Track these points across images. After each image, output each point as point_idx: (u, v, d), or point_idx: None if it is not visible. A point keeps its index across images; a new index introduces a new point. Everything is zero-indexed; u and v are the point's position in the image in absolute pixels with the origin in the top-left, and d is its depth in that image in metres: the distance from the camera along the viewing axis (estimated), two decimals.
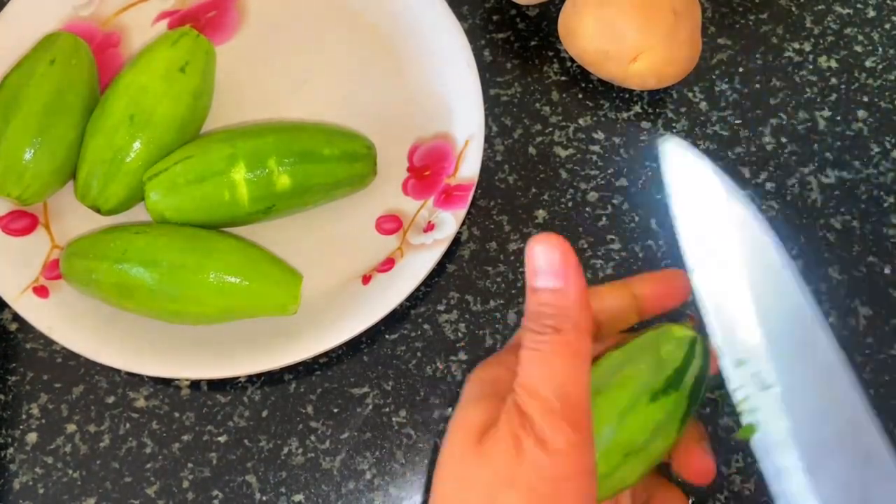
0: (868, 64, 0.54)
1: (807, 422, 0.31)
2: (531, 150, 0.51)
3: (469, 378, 0.32)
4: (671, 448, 0.32)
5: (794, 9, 0.55)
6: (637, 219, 0.50)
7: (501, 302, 0.48)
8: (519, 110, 0.52)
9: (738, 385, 0.32)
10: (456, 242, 0.49)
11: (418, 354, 0.47)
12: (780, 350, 0.32)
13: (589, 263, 0.49)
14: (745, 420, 0.32)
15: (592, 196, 0.50)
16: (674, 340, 0.32)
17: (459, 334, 0.47)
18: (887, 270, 0.49)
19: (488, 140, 0.51)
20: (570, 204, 0.50)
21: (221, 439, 0.45)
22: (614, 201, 0.50)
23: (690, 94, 0.53)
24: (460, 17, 0.53)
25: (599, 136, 0.52)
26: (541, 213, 0.50)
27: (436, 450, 0.45)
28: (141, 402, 0.46)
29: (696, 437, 0.34)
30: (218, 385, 0.46)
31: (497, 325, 0.47)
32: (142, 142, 0.45)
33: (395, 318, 0.47)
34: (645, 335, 0.33)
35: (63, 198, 0.48)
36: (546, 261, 0.30)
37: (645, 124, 0.52)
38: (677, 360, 0.32)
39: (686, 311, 0.35)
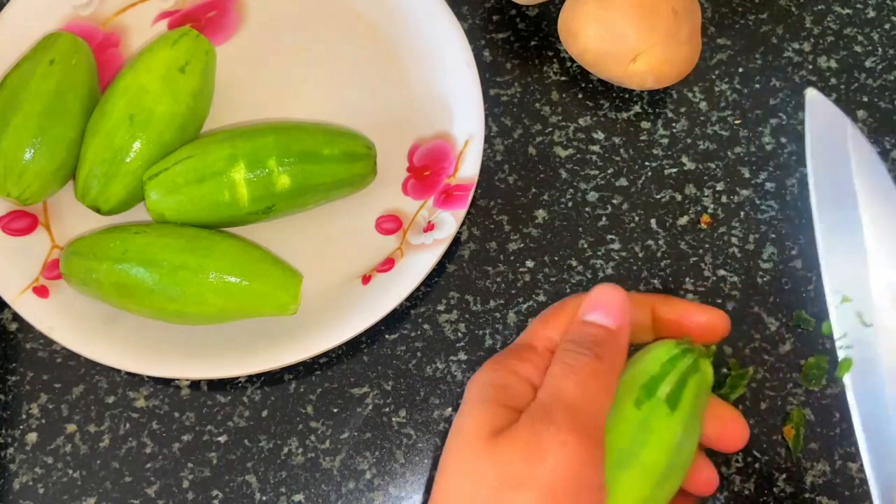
0: (868, 64, 0.54)
1: None
2: (531, 150, 0.51)
3: (473, 381, 0.32)
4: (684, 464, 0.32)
5: (794, 9, 0.55)
6: (637, 219, 0.50)
7: (501, 302, 0.48)
8: (519, 110, 0.52)
9: (840, 321, 0.35)
10: (456, 242, 0.49)
11: (418, 354, 0.47)
12: (888, 293, 0.35)
13: (589, 263, 0.49)
14: (841, 356, 0.35)
15: (592, 196, 0.50)
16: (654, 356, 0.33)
17: (459, 334, 0.47)
18: None
19: (488, 140, 0.51)
20: (570, 204, 0.50)
21: (221, 439, 0.45)
22: (614, 201, 0.50)
23: (690, 94, 0.53)
24: (460, 17, 0.53)
25: (599, 136, 0.52)
26: (541, 213, 0.50)
27: (436, 449, 0.45)
28: (141, 402, 0.46)
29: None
30: (218, 385, 0.46)
31: (497, 325, 0.48)
32: (142, 142, 0.45)
33: (395, 318, 0.47)
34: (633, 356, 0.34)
35: (63, 198, 0.48)
36: (607, 300, 0.32)
37: (645, 124, 0.52)
38: (653, 371, 0.32)
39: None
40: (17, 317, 0.47)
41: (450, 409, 0.46)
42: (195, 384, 0.46)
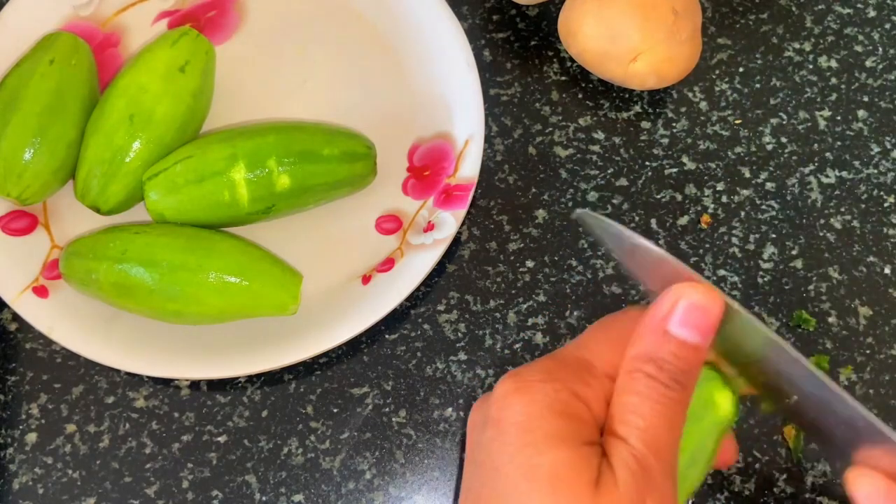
0: (868, 64, 0.54)
1: None
2: (531, 150, 0.51)
3: (524, 396, 0.28)
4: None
5: (794, 9, 0.55)
6: (637, 219, 0.50)
7: (501, 302, 0.48)
8: (519, 110, 0.52)
9: None
10: (456, 242, 0.49)
11: (418, 354, 0.47)
12: None
13: (589, 263, 0.49)
14: None
15: (592, 196, 0.50)
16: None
17: (459, 334, 0.47)
18: (887, 270, 0.49)
19: (488, 140, 0.51)
20: (570, 204, 0.50)
21: (221, 439, 0.45)
22: (614, 201, 0.50)
23: (690, 94, 0.53)
24: (460, 17, 0.53)
25: (599, 136, 0.52)
26: (541, 213, 0.50)
27: (436, 449, 0.45)
28: (141, 402, 0.46)
29: None
30: (218, 385, 0.46)
31: (497, 325, 0.47)
32: (142, 142, 0.45)
33: (395, 318, 0.47)
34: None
35: (63, 198, 0.48)
36: (702, 315, 0.28)
37: (645, 124, 0.52)
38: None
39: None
40: (17, 317, 0.47)
41: (450, 409, 0.46)
42: (195, 384, 0.46)
